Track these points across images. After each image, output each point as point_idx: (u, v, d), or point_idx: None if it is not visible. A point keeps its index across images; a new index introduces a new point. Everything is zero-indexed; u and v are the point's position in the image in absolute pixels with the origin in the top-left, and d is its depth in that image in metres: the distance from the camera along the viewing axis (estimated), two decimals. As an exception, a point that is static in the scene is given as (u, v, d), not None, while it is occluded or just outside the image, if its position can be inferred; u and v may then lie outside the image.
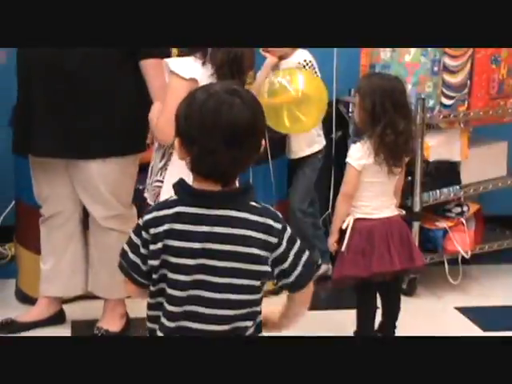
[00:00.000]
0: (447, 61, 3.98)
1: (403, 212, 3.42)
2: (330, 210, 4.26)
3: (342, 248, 3.28)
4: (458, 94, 4.04)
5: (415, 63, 3.92)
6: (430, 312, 3.92)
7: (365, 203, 3.28)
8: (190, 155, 1.93)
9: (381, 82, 3.26)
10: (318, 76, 3.93)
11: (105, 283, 3.48)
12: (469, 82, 4.06)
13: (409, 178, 3.85)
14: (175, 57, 3.27)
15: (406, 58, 3.92)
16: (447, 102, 4.02)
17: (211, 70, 2.91)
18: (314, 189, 4.21)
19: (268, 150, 3.75)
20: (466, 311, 3.91)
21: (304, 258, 2.00)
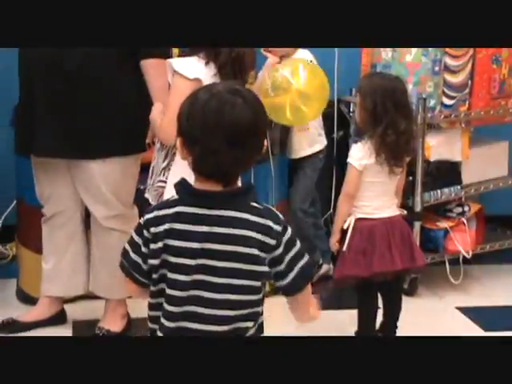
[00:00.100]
0: (448, 61, 3.97)
1: (404, 212, 3.41)
2: (331, 209, 4.25)
3: (344, 248, 3.28)
4: (459, 93, 4.04)
5: (416, 63, 3.91)
6: (431, 312, 3.91)
7: (366, 203, 3.28)
8: (191, 155, 1.93)
9: (382, 81, 3.26)
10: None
11: (106, 283, 3.48)
12: (470, 82, 4.06)
13: (410, 177, 3.84)
14: (176, 57, 3.27)
15: (407, 57, 3.92)
16: (448, 101, 4.02)
17: (214, 70, 2.91)
18: (316, 189, 4.20)
19: (269, 150, 3.75)
20: (467, 311, 3.91)
21: (301, 263, 1.98)
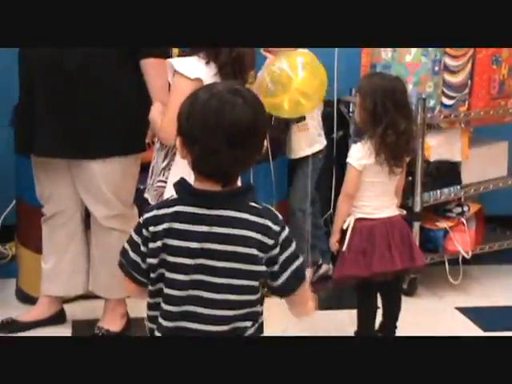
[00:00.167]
0: (448, 61, 3.97)
1: (404, 212, 3.41)
2: (331, 210, 4.25)
3: (343, 248, 3.28)
4: (459, 94, 4.04)
5: (416, 63, 3.91)
6: (430, 312, 3.91)
7: (366, 203, 3.28)
8: (191, 155, 1.93)
9: (382, 81, 3.26)
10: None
11: (105, 283, 3.48)
12: (469, 82, 4.06)
13: (409, 178, 3.84)
14: (176, 56, 3.27)
15: (407, 57, 3.92)
16: (448, 102, 4.02)
17: (215, 70, 2.91)
18: (315, 189, 4.20)
19: (269, 150, 3.75)
20: (467, 311, 3.91)
21: (295, 264, 1.98)
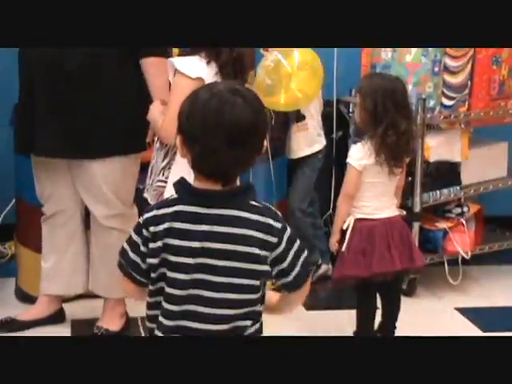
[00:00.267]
0: (448, 61, 3.98)
1: (404, 212, 3.41)
2: (331, 210, 4.25)
3: (343, 248, 3.28)
4: (459, 94, 4.04)
5: (416, 63, 3.91)
6: (429, 312, 3.91)
7: (366, 203, 3.28)
8: (191, 154, 1.93)
9: (382, 82, 3.26)
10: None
11: (105, 282, 3.48)
12: (469, 83, 4.06)
13: (409, 178, 3.84)
14: (176, 56, 3.27)
15: (407, 58, 3.92)
16: (448, 102, 4.02)
17: (216, 69, 2.91)
18: (315, 189, 4.21)
19: (269, 150, 3.75)
20: (466, 312, 3.91)
21: (302, 258, 2.01)
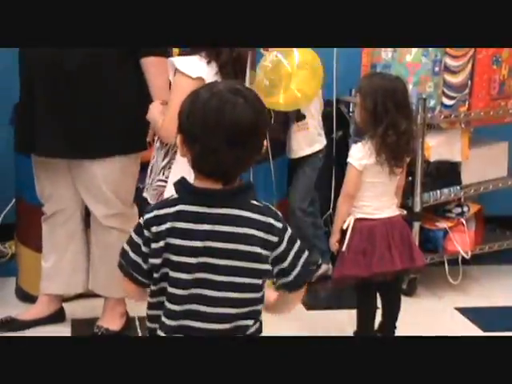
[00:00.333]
0: (448, 61, 3.98)
1: (404, 212, 3.42)
2: (331, 209, 4.25)
3: (343, 248, 3.28)
4: (459, 94, 4.04)
5: (416, 63, 3.92)
6: (429, 312, 3.91)
7: (366, 203, 3.28)
8: (191, 153, 1.93)
9: (382, 82, 3.26)
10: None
11: (105, 282, 3.48)
12: (470, 83, 4.06)
13: (409, 178, 3.84)
14: (176, 55, 3.27)
15: (407, 58, 3.92)
16: (448, 102, 4.02)
17: (216, 69, 2.91)
18: (315, 188, 4.21)
19: (269, 150, 3.75)
20: (466, 311, 3.91)
21: (303, 258, 2.01)
